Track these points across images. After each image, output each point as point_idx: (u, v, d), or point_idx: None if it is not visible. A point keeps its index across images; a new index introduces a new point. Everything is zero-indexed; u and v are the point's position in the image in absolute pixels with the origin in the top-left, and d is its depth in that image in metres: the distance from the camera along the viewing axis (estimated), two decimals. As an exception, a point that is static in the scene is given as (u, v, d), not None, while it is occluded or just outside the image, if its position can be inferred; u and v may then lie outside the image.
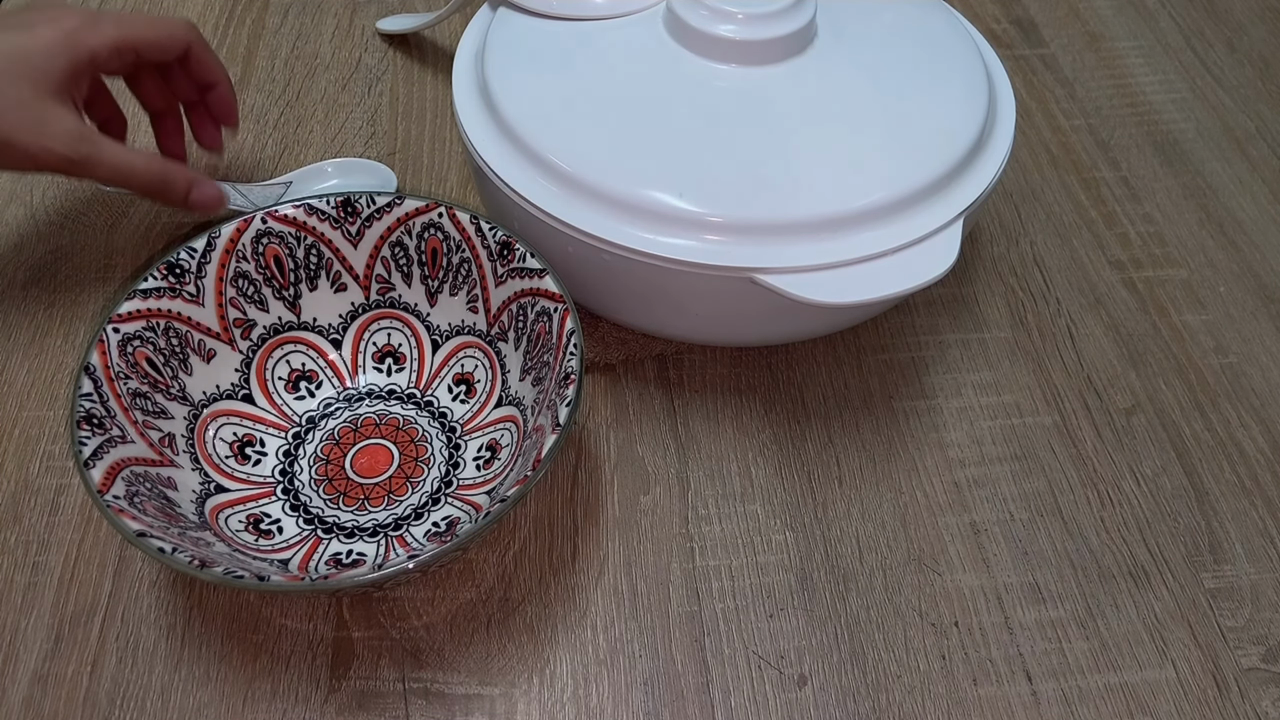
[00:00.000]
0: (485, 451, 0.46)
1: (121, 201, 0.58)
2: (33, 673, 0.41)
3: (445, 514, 0.44)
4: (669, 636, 0.42)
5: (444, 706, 0.40)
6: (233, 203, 0.53)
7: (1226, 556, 0.45)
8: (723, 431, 0.49)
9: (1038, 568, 0.45)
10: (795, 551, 0.45)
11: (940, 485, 0.47)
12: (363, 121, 0.63)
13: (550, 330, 0.44)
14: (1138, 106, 0.66)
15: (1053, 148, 0.64)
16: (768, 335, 0.50)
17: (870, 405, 0.50)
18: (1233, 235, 0.59)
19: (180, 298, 0.45)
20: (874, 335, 0.53)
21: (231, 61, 0.67)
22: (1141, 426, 0.50)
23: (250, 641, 0.42)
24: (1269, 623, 0.43)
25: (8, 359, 0.51)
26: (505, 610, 0.43)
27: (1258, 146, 0.64)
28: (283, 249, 0.47)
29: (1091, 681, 0.42)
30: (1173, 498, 0.47)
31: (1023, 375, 0.52)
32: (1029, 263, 0.57)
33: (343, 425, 0.47)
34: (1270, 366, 0.52)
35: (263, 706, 0.40)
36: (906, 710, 0.41)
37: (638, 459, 0.48)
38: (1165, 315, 0.55)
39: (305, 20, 0.71)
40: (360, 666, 0.41)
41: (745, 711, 0.40)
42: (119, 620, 0.42)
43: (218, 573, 0.35)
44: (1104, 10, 0.74)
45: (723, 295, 0.45)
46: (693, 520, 0.46)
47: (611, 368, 0.51)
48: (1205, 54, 0.71)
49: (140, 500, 0.38)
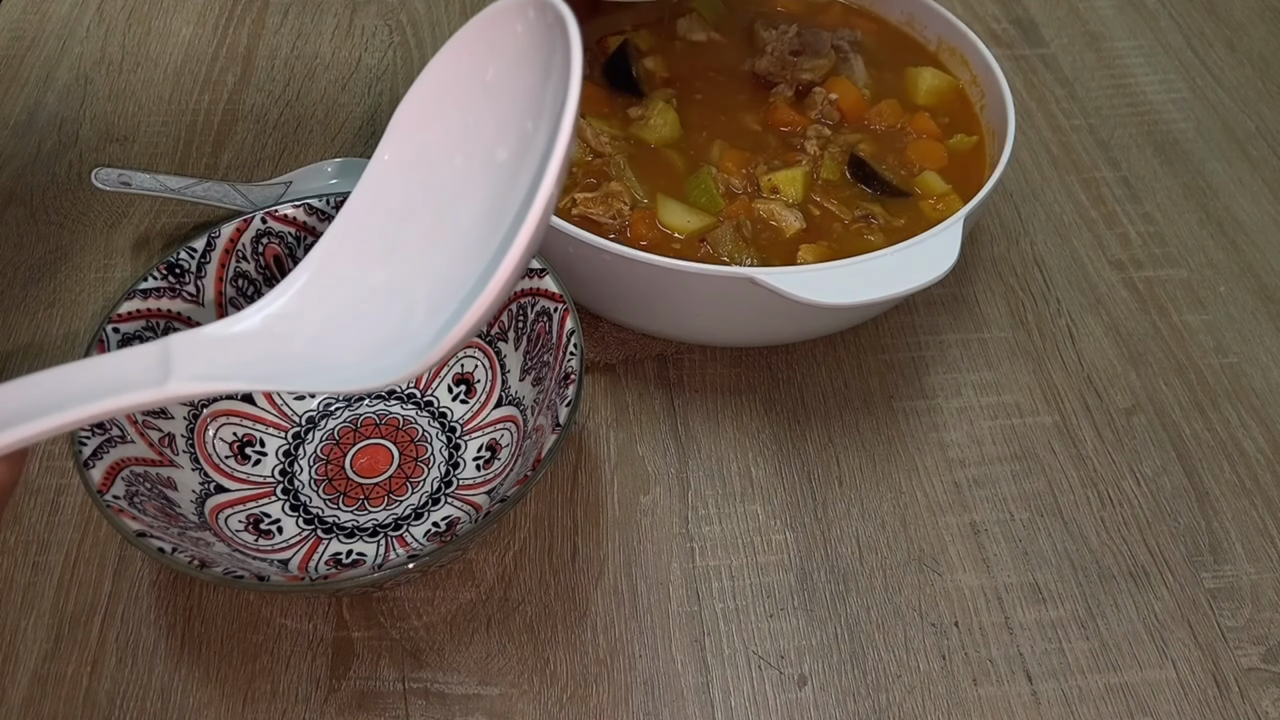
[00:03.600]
0: (485, 451, 0.46)
1: (121, 201, 0.58)
2: (33, 673, 0.41)
3: (445, 514, 0.44)
4: (669, 636, 0.42)
5: (444, 706, 0.40)
6: (233, 202, 0.53)
7: (1227, 556, 0.45)
8: (723, 431, 0.49)
9: (1038, 568, 0.45)
10: (795, 551, 0.45)
11: (940, 485, 0.47)
12: (363, 121, 0.63)
13: (550, 330, 0.44)
14: (1138, 106, 0.66)
15: (1053, 148, 0.64)
16: (768, 336, 0.50)
17: (870, 405, 0.50)
18: (1233, 235, 0.59)
19: (180, 297, 0.45)
20: (874, 335, 0.53)
21: (231, 61, 0.67)
22: (1142, 426, 0.50)
23: (250, 641, 0.42)
24: (1269, 623, 0.43)
25: (8, 359, 0.51)
26: (505, 610, 0.43)
27: (1258, 146, 0.64)
28: (282, 249, 0.47)
29: (1091, 681, 0.42)
30: (1173, 498, 0.47)
31: (1023, 375, 0.52)
32: (1029, 263, 0.57)
33: (342, 425, 0.47)
34: (1270, 366, 0.52)
35: (263, 706, 0.40)
36: (906, 710, 0.41)
37: (638, 459, 0.48)
38: (1165, 315, 0.55)
39: (305, 20, 0.71)
40: (360, 666, 0.41)
41: (745, 711, 0.40)
42: (119, 620, 0.42)
43: (218, 573, 0.35)
44: (1104, 10, 0.74)
45: (723, 296, 0.45)
46: (693, 520, 0.46)
47: (611, 368, 0.51)
48: (1205, 54, 0.70)
49: (140, 500, 0.38)
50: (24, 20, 0.69)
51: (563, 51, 0.28)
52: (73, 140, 0.62)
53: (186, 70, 0.66)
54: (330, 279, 0.33)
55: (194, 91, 0.65)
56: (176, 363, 0.29)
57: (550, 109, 0.29)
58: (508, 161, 0.31)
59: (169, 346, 0.30)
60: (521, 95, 0.31)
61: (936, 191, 0.52)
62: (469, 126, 0.32)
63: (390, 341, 0.32)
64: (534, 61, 0.30)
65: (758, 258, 0.48)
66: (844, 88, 0.56)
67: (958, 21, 0.57)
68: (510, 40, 0.31)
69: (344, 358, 0.32)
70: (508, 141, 0.31)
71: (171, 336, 0.30)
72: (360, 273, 0.33)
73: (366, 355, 0.32)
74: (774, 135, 0.54)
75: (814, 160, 0.52)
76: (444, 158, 0.33)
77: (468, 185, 0.32)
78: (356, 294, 0.33)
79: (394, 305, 0.33)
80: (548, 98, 0.30)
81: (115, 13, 0.70)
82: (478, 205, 0.31)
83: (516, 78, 0.31)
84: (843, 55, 0.58)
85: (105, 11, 0.70)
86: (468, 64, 0.32)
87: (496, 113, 0.31)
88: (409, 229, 0.33)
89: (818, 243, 0.49)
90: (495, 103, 0.31)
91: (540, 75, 0.30)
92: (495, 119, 0.32)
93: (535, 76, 0.30)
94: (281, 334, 0.32)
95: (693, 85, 0.57)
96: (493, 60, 0.31)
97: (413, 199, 0.33)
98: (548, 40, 0.29)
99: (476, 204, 0.32)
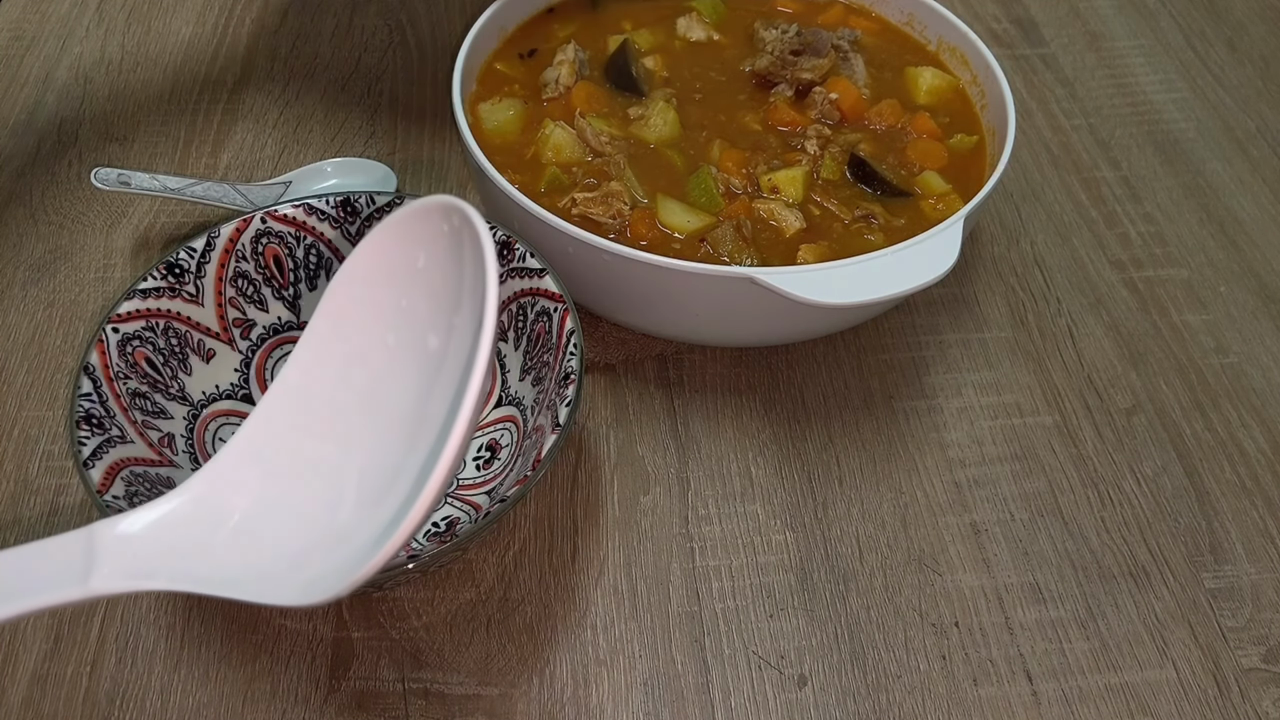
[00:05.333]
0: (485, 451, 0.46)
1: (121, 201, 0.58)
2: (32, 673, 0.41)
3: (445, 514, 0.44)
4: (669, 636, 0.42)
5: (444, 707, 0.40)
6: (232, 202, 0.53)
7: (1227, 556, 0.45)
8: (723, 431, 0.49)
9: (1038, 568, 0.45)
10: (795, 551, 0.45)
11: (940, 485, 0.47)
12: (363, 121, 0.63)
13: (550, 330, 0.44)
14: (1138, 106, 0.66)
15: (1053, 147, 0.64)
16: (768, 336, 0.50)
17: (870, 405, 0.50)
18: (1233, 235, 0.59)
19: (180, 297, 0.45)
20: (874, 335, 0.53)
21: (231, 61, 0.67)
22: (1142, 426, 0.50)
23: (250, 641, 0.42)
24: (1269, 623, 0.43)
25: (7, 359, 0.51)
26: (505, 610, 0.43)
27: (1258, 146, 0.64)
28: (282, 249, 0.47)
29: (1092, 682, 0.42)
30: (1173, 498, 0.47)
31: (1023, 375, 0.52)
32: (1029, 262, 0.57)
33: (342, 425, 0.47)
34: (1271, 366, 0.52)
35: (262, 707, 0.40)
36: (906, 710, 0.40)
37: (638, 459, 0.48)
38: (1166, 315, 0.55)
39: (305, 20, 0.70)
40: (360, 667, 0.41)
41: (745, 712, 0.40)
42: (119, 620, 0.42)
43: (217, 573, 0.35)
44: (1104, 9, 0.74)
45: (723, 296, 0.45)
46: (693, 520, 0.46)
47: (611, 368, 0.51)
48: (1206, 53, 0.70)
49: (140, 500, 0.38)
50: (24, 20, 0.69)
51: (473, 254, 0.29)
52: (72, 140, 0.62)
53: (186, 70, 0.66)
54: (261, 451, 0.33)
55: (194, 91, 0.65)
56: (101, 555, 0.29)
57: (472, 308, 0.30)
58: (437, 349, 0.32)
59: (93, 536, 0.29)
60: (450, 288, 0.31)
61: (937, 191, 0.52)
62: (401, 308, 0.33)
63: (316, 539, 0.31)
64: (456, 260, 0.31)
65: (758, 258, 0.48)
66: (844, 87, 0.56)
67: (958, 21, 0.57)
68: (439, 235, 0.31)
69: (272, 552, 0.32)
70: (438, 330, 0.32)
71: (95, 525, 0.30)
72: (292, 447, 0.33)
73: (293, 554, 0.31)
74: (774, 135, 0.54)
75: (814, 160, 0.52)
76: (378, 334, 0.33)
77: (399, 365, 0.32)
78: (288, 469, 0.33)
79: (323, 489, 0.32)
80: (468, 297, 0.30)
81: (115, 13, 0.70)
82: (409, 387, 0.32)
83: (445, 269, 0.31)
84: (843, 55, 0.58)
85: (105, 11, 0.70)
86: (400, 249, 0.33)
87: (428, 298, 0.32)
88: (341, 399, 0.33)
89: (818, 243, 0.49)
90: (427, 287, 0.32)
91: (460, 274, 0.31)
92: (427, 304, 0.32)
93: (457, 274, 0.31)
94: (207, 519, 0.32)
95: (693, 85, 0.57)
96: (422, 249, 0.32)
97: (347, 372, 0.33)
98: (459, 243, 0.30)
99: (408, 385, 0.32)
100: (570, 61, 0.56)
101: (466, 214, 0.30)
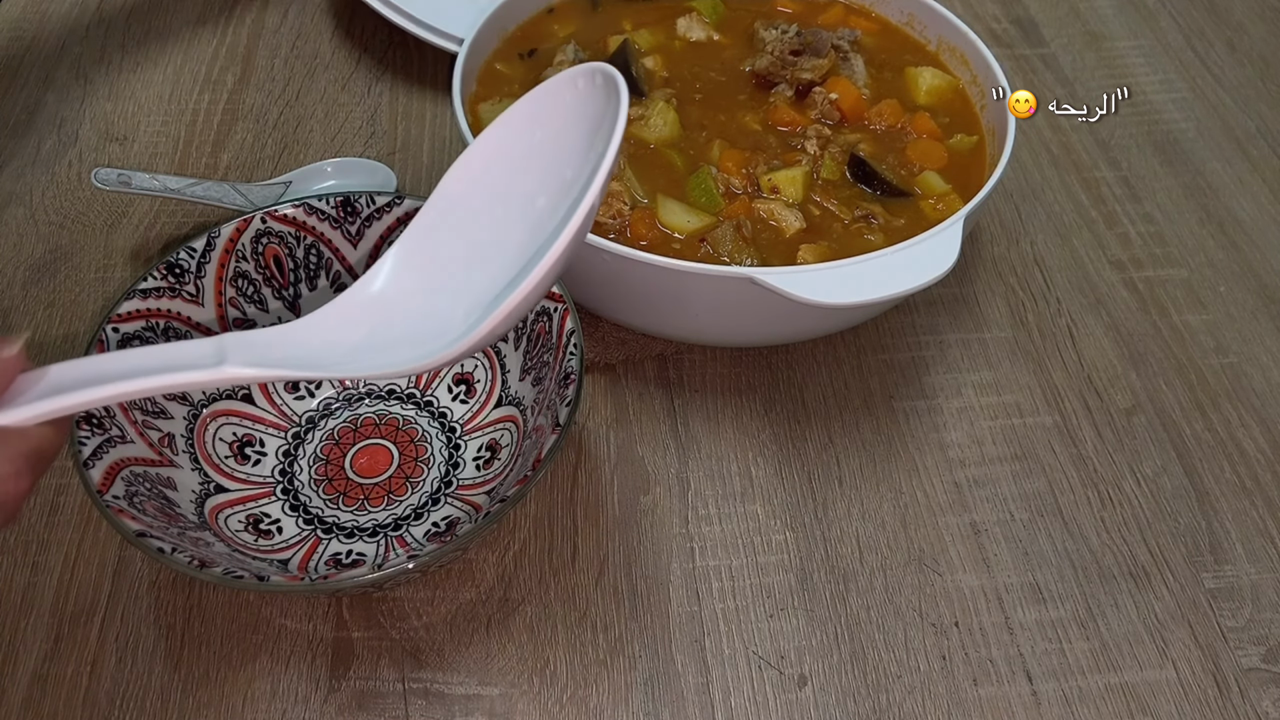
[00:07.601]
0: (485, 451, 0.46)
1: (121, 201, 0.58)
2: (32, 673, 0.41)
3: (445, 514, 0.44)
4: (669, 636, 0.42)
5: (444, 706, 0.40)
6: (232, 202, 0.53)
7: (1227, 556, 0.45)
8: (723, 431, 0.49)
9: (1038, 568, 0.45)
10: (795, 551, 0.45)
11: (940, 485, 0.47)
12: (363, 121, 0.63)
13: (550, 330, 0.44)
14: (1138, 106, 0.66)
15: (1053, 148, 0.63)
16: (768, 336, 0.50)
17: (870, 405, 0.50)
18: (1233, 235, 0.59)
19: (180, 297, 0.45)
20: (874, 335, 0.53)
21: (231, 61, 0.67)
22: (1142, 426, 0.50)
23: (250, 641, 0.42)
24: (1269, 623, 0.43)
25: (7, 359, 0.51)
26: (505, 610, 0.43)
27: (1258, 146, 0.64)
28: (282, 249, 0.47)
29: (1092, 681, 0.42)
30: (1173, 498, 0.47)
31: (1023, 375, 0.52)
32: (1029, 263, 0.57)
33: (342, 425, 0.47)
34: (1271, 366, 0.52)
35: (262, 707, 0.40)
36: (906, 710, 0.41)
37: (638, 459, 0.48)
38: (1165, 315, 0.55)
39: (305, 20, 0.71)
40: (360, 666, 0.41)
41: (745, 712, 0.40)
42: (119, 620, 0.42)
43: (217, 573, 0.35)
44: (1104, 9, 0.74)
45: (723, 296, 0.45)
46: (693, 520, 0.46)
47: (611, 368, 0.51)
48: (1205, 53, 0.70)
49: (140, 500, 0.38)
50: (24, 20, 0.69)
51: (612, 109, 0.32)
52: (72, 140, 0.62)
53: (186, 70, 0.66)
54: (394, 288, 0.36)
55: (194, 91, 0.65)
56: (231, 353, 0.32)
57: (591, 158, 0.33)
58: (545, 206, 0.35)
59: (223, 340, 0.32)
60: (564, 150, 0.35)
61: (936, 191, 0.52)
62: (512, 185, 0.36)
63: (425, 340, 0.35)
64: (581, 121, 0.34)
65: (758, 258, 0.48)
66: (844, 88, 0.56)
67: (958, 21, 0.57)
68: (559, 107, 0.35)
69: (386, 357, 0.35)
70: (548, 190, 0.35)
71: (225, 335, 0.33)
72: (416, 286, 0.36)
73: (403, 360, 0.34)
74: (774, 135, 0.54)
75: (814, 160, 0.52)
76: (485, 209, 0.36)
77: (507, 229, 0.36)
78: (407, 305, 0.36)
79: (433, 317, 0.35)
80: (591, 150, 0.33)
81: (115, 13, 0.70)
82: (515, 243, 0.35)
83: (560, 138, 0.35)
84: (843, 55, 0.58)
85: (105, 11, 0.70)
86: (518, 130, 0.36)
87: (539, 169, 0.35)
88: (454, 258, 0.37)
89: (818, 243, 0.49)
90: (539, 160, 0.35)
91: (585, 132, 0.34)
92: (538, 174, 0.35)
93: (580, 133, 0.34)
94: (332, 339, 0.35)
95: (693, 85, 0.57)
96: (539, 126, 0.35)
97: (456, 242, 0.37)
98: (599, 100, 0.33)
99: (514, 242, 0.35)
100: (570, 62, 0.56)
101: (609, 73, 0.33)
